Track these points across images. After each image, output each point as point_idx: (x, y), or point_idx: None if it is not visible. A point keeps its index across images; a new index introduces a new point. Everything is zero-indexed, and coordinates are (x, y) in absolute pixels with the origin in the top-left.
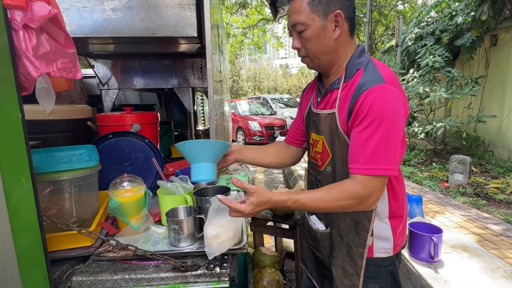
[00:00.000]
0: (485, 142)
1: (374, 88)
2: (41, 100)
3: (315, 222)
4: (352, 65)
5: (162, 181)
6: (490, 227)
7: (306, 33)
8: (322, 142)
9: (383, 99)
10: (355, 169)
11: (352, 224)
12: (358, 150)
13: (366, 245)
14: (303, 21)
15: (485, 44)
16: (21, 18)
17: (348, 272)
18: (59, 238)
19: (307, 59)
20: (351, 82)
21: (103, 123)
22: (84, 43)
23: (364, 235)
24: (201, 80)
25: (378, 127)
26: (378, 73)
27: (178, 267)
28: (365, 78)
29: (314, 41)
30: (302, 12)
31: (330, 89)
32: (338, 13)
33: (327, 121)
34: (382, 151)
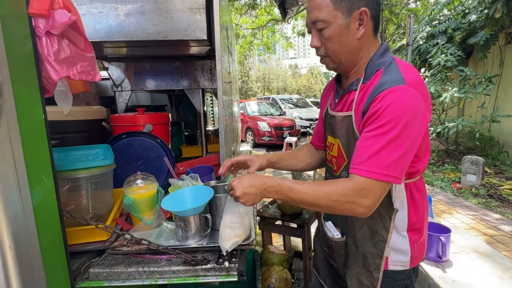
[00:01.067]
0: (499, 143)
1: (393, 89)
2: (59, 102)
3: (330, 229)
4: (373, 65)
5: (173, 179)
6: (503, 229)
7: (328, 32)
8: (338, 146)
9: (402, 101)
10: (354, 169)
11: (368, 233)
12: (362, 149)
13: (384, 256)
14: (325, 18)
15: (499, 42)
16: (44, 26)
17: (364, 284)
18: (77, 232)
19: (328, 59)
20: (369, 83)
21: (117, 124)
22: (99, 47)
23: (381, 246)
24: (211, 81)
25: (390, 129)
26: (399, 74)
27: (189, 261)
28: (384, 78)
29: (336, 40)
30: (324, 8)
31: (348, 91)
32: (363, 11)
33: (343, 124)
34: (387, 155)
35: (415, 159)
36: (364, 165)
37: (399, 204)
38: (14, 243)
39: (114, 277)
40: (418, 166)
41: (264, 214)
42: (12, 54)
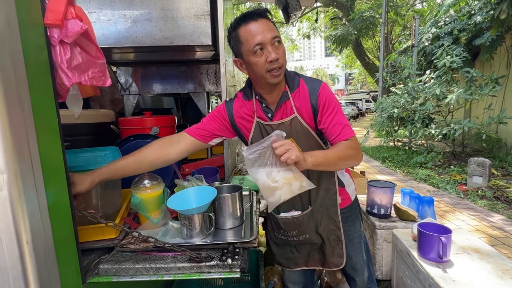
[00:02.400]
0: (507, 144)
1: (322, 85)
2: (70, 106)
3: (288, 215)
4: (291, 79)
5: (179, 180)
6: (508, 231)
7: (282, 46)
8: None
9: (330, 91)
10: (347, 135)
11: (324, 193)
12: (335, 125)
13: (337, 203)
14: (278, 35)
15: (506, 43)
16: (58, 35)
17: (331, 229)
18: (87, 230)
19: (281, 70)
20: (298, 90)
21: (125, 126)
22: (109, 53)
23: (334, 197)
24: (216, 85)
25: (338, 108)
26: (313, 78)
27: (194, 258)
28: (310, 83)
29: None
30: (274, 29)
31: (283, 101)
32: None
33: (292, 125)
34: (347, 121)
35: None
36: (346, 131)
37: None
38: (31, 239)
39: (122, 273)
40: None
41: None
42: (29, 61)
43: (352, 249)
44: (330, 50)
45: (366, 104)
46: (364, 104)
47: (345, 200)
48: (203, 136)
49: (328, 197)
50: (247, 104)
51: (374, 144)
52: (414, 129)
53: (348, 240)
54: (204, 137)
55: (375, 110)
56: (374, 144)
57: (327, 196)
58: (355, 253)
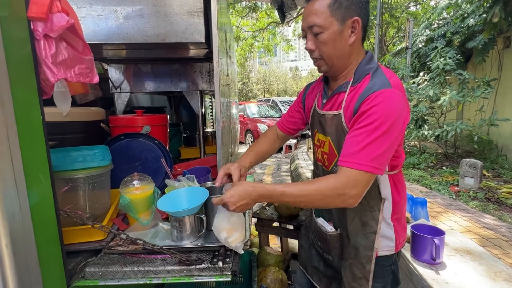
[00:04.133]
0: (498, 146)
1: (382, 91)
2: (58, 103)
3: (323, 224)
4: (361, 70)
5: (170, 180)
6: (499, 232)
7: (323, 36)
8: (329, 143)
9: (390, 102)
10: (343, 162)
11: (359, 225)
12: (351, 144)
13: (374, 248)
14: (321, 23)
15: (498, 46)
16: (42, 29)
17: (357, 276)
18: (74, 232)
19: (321, 61)
20: (358, 86)
21: (116, 125)
22: (99, 49)
23: (371, 238)
24: (209, 83)
25: (378, 126)
26: (386, 79)
27: (183, 260)
28: (373, 82)
29: (330, 44)
30: (321, 14)
31: (337, 92)
32: (356, 20)
33: (333, 122)
34: (374, 149)
35: (396, 154)
36: (353, 157)
37: (385, 194)
38: (10, 241)
39: (109, 276)
40: (399, 160)
41: (261, 216)
42: (11, 56)
43: None
44: None
45: None
46: None
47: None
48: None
49: (363, 233)
50: (319, 86)
51: None
52: (407, 130)
53: None
54: (290, 130)
55: None
56: None
57: (362, 232)
58: None
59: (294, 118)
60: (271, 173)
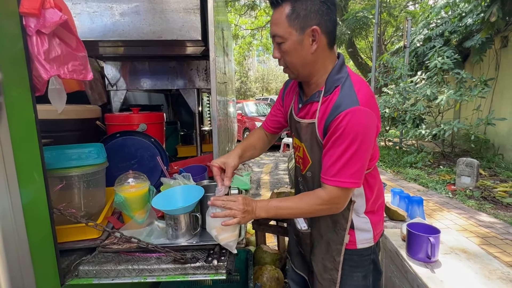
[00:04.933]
0: (495, 145)
1: (350, 111)
2: (53, 100)
3: (299, 221)
4: (332, 81)
5: (166, 178)
6: (495, 230)
7: (284, 46)
8: (303, 149)
9: (357, 121)
10: (326, 180)
11: (331, 224)
12: (331, 164)
13: (344, 242)
14: (281, 34)
15: (495, 45)
16: (35, 25)
17: (328, 268)
18: (68, 230)
19: (288, 69)
20: (330, 97)
21: (111, 123)
22: (95, 46)
23: (342, 234)
24: (206, 81)
25: (350, 146)
26: (354, 94)
27: (178, 259)
28: (341, 98)
29: (292, 54)
30: (280, 25)
31: (311, 101)
32: (315, 29)
33: (307, 129)
34: (351, 167)
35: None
36: (335, 176)
37: (357, 195)
38: (2, 240)
39: (103, 275)
40: (371, 163)
41: None
42: (2, 52)
43: None
44: None
45: None
46: None
47: (348, 244)
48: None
49: (334, 230)
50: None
51: None
52: (405, 129)
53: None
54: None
55: None
56: None
57: (333, 229)
58: None
59: (277, 117)
60: (269, 171)
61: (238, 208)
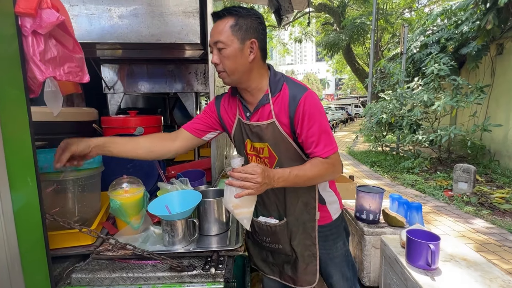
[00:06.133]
0: (491, 151)
1: (305, 95)
2: (48, 103)
3: (266, 220)
4: (274, 82)
5: (163, 183)
6: (493, 237)
7: (226, 51)
8: (268, 148)
9: (315, 101)
10: (324, 153)
11: (302, 206)
12: (317, 140)
13: (316, 219)
14: (224, 40)
15: (491, 52)
16: (31, 25)
17: (307, 245)
18: (61, 236)
19: (225, 74)
20: (280, 95)
21: (108, 126)
22: (92, 48)
23: (313, 212)
24: (204, 85)
25: (321, 120)
26: (299, 84)
27: (175, 267)
28: (293, 90)
29: (232, 59)
30: (224, 33)
31: (262, 104)
32: (253, 41)
33: (268, 129)
34: (330, 135)
35: None
36: (327, 147)
37: None
38: None
39: (97, 283)
40: None
41: None
42: None
43: (333, 267)
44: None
45: (355, 109)
46: (353, 109)
47: (325, 218)
48: (197, 131)
49: (306, 211)
50: (233, 100)
51: (363, 149)
52: (402, 135)
53: (328, 259)
54: (198, 132)
55: (364, 115)
56: (363, 149)
57: (305, 210)
58: (336, 271)
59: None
60: None
61: (256, 181)
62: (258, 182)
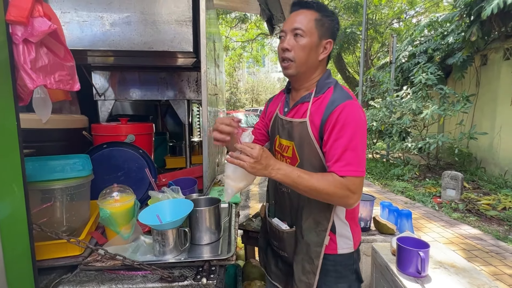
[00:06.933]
0: (477, 159)
1: (346, 104)
2: (37, 110)
3: (278, 223)
4: (323, 84)
5: (154, 192)
6: (480, 243)
7: (303, 40)
8: (292, 148)
9: (356, 113)
10: (346, 171)
11: (313, 224)
12: (343, 155)
13: (324, 244)
14: (305, 29)
15: (475, 63)
16: (22, 33)
17: (306, 270)
18: (48, 246)
19: (291, 64)
20: (322, 97)
21: (98, 133)
22: (83, 55)
23: (322, 235)
24: (197, 93)
25: (353, 136)
26: (346, 92)
27: (165, 277)
28: (336, 95)
29: (306, 51)
30: (308, 23)
31: (301, 102)
32: (329, 42)
33: (298, 128)
34: (360, 156)
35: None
36: (348, 167)
37: None
38: None
39: None
40: None
41: (248, 228)
42: None
43: None
44: None
45: None
46: None
47: (329, 248)
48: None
49: (315, 231)
50: (280, 96)
51: None
52: (391, 142)
53: None
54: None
55: None
56: None
57: (314, 230)
58: None
59: (261, 130)
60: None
61: (250, 154)
62: (251, 156)
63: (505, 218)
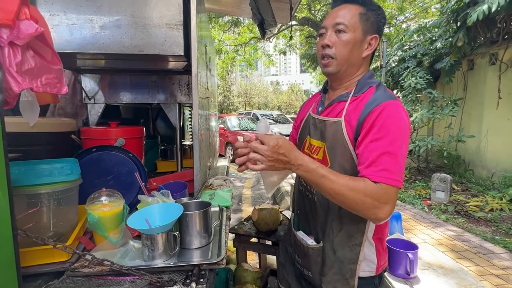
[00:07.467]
0: (465, 161)
1: (390, 103)
2: (24, 113)
3: (303, 237)
4: (363, 83)
5: (143, 196)
6: (468, 245)
7: (346, 36)
8: (324, 150)
9: (400, 114)
10: (381, 177)
11: (345, 237)
12: (379, 159)
13: (359, 261)
14: (348, 24)
15: (463, 68)
16: (8, 36)
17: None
18: (33, 252)
19: (332, 61)
20: (362, 96)
21: (87, 137)
22: (72, 58)
23: (356, 250)
24: (188, 96)
25: (394, 139)
26: (389, 92)
27: (154, 282)
28: (377, 94)
29: (349, 47)
30: (351, 17)
31: (338, 100)
32: (375, 37)
33: (331, 128)
34: (398, 163)
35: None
36: (383, 172)
37: None
38: None
39: None
40: None
41: (239, 231)
42: None
43: None
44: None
45: None
46: None
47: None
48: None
49: (348, 246)
50: (316, 96)
51: None
52: None
53: None
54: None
55: None
56: None
57: (348, 245)
58: None
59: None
60: (250, 186)
61: (264, 154)
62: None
63: (492, 220)
